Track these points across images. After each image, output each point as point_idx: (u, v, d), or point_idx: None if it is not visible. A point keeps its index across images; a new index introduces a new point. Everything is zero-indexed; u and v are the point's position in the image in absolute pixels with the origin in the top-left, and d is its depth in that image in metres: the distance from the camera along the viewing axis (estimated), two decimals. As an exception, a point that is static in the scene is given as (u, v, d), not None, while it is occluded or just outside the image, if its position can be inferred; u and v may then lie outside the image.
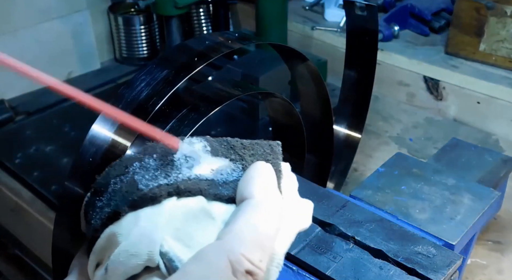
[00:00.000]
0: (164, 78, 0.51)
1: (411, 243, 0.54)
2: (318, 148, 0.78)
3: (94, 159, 0.50)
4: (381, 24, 1.21)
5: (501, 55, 1.09)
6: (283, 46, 0.62)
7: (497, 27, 1.07)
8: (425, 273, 0.50)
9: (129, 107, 0.51)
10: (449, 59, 1.14)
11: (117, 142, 0.50)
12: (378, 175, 0.67)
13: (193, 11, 1.35)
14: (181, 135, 0.53)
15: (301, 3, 1.41)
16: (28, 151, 1.00)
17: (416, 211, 0.61)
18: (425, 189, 0.64)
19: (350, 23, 0.81)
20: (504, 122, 1.06)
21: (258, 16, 1.17)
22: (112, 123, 0.50)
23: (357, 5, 0.78)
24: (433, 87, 1.14)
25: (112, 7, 1.32)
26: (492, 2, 1.06)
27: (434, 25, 1.24)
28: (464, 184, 0.65)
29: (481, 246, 0.82)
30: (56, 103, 1.18)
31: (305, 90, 0.72)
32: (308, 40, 1.31)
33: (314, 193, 0.60)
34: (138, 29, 1.30)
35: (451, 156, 0.79)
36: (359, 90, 0.85)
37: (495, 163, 0.77)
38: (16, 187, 0.96)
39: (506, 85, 1.05)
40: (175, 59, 0.53)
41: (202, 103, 0.56)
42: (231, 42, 0.56)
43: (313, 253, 0.52)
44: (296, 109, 0.67)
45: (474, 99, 1.09)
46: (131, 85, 0.52)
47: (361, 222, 0.56)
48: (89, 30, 1.28)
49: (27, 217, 0.96)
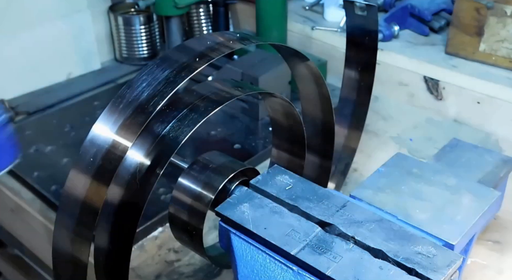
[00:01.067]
0: (165, 78, 0.52)
1: (411, 243, 0.54)
2: (318, 148, 0.78)
3: (94, 159, 0.50)
4: (381, 24, 1.22)
5: (501, 55, 1.09)
6: (284, 46, 0.62)
7: (497, 27, 1.07)
8: (425, 273, 0.50)
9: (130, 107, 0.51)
10: (449, 59, 1.14)
11: (118, 143, 0.50)
12: (378, 175, 0.67)
13: (193, 11, 1.35)
14: (182, 135, 0.53)
15: (301, 3, 1.42)
16: (28, 151, 1.00)
17: (416, 211, 0.61)
18: (425, 189, 0.64)
19: (350, 23, 0.81)
20: (504, 122, 1.07)
21: (258, 16, 1.17)
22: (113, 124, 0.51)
23: (357, 5, 0.78)
24: (433, 87, 1.14)
25: (112, 7, 1.33)
26: (492, 2, 1.06)
27: (434, 25, 1.24)
28: (464, 184, 0.65)
29: (481, 246, 0.82)
30: (56, 103, 1.18)
31: (306, 90, 0.72)
32: (308, 40, 1.31)
33: (314, 193, 0.60)
34: (138, 29, 1.30)
35: (451, 156, 0.79)
36: (359, 90, 0.85)
37: (495, 163, 0.77)
38: (16, 187, 0.96)
39: (506, 85, 1.06)
40: (176, 60, 0.53)
41: (202, 103, 0.56)
42: (231, 42, 0.56)
43: (313, 253, 0.52)
44: (296, 109, 0.67)
45: (474, 99, 1.09)
46: (132, 85, 0.52)
47: (361, 222, 0.56)
48: (89, 30, 1.28)
49: (27, 217, 0.96)
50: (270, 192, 0.60)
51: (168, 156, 0.52)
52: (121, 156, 0.50)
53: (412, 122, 1.13)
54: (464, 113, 1.12)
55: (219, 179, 0.61)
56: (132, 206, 0.53)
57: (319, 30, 1.29)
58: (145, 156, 0.53)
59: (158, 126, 0.54)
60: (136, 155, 0.53)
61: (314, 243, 0.54)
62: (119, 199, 0.53)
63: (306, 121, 0.74)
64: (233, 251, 0.58)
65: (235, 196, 0.60)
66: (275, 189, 0.60)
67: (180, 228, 0.62)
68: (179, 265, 0.80)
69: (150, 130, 0.54)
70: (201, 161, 0.63)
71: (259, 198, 0.59)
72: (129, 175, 0.53)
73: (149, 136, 0.54)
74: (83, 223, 0.51)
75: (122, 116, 0.50)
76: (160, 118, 0.54)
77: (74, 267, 0.54)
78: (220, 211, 0.58)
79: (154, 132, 0.54)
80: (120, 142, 0.50)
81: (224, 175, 0.61)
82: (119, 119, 0.50)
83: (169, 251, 0.82)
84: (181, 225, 0.62)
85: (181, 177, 0.62)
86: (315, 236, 0.54)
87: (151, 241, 0.84)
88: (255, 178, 0.62)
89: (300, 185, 0.61)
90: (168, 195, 0.89)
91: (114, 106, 0.51)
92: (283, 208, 0.58)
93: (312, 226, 0.56)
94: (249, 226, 0.55)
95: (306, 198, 0.59)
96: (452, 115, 1.13)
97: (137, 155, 0.53)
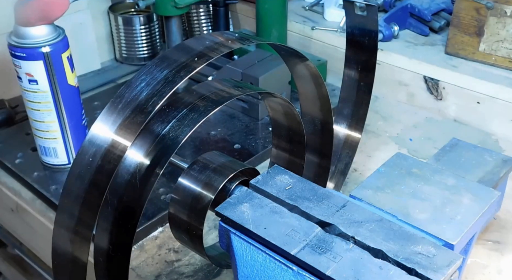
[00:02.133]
0: (164, 78, 0.52)
1: (411, 243, 0.54)
2: (318, 148, 0.78)
3: (93, 159, 0.50)
4: (381, 24, 1.22)
5: (501, 55, 1.09)
6: (283, 46, 0.62)
7: (497, 27, 1.07)
8: (425, 273, 0.50)
9: (129, 107, 0.51)
10: (449, 59, 1.14)
11: (117, 142, 0.50)
12: (378, 175, 0.67)
13: (193, 11, 1.35)
14: (181, 135, 0.53)
15: (301, 3, 1.42)
16: (28, 151, 1.00)
17: (416, 211, 0.61)
18: (425, 189, 0.64)
19: (350, 23, 0.81)
20: (504, 122, 1.06)
21: (258, 16, 1.17)
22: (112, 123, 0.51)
23: (357, 5, 0.78)
24: (433, 87, 1.14)
25: (112, 7, 1.33)
26: (492, 2, 1.06)
27: (434, 25, 1.24)
28: (464, 184, 0.65)
29: (481, 246, 0.82)
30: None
31: (305, 90, 0.72)
32: (308, 40, 1.31)
33: (314, 193, 0.60)
34: (138, 29, 1.30)
35: (451, 156, 0.79)
36: (359, 90, 0.85)
37: (495, 163, 0.77)
38: (16, 187, 0.96)
39: (506, 85, 1.05)
40: (175, 59, 0.53)
41: (202, 103, 0.56)
42: (230, 42, 0.56)
43: (313, 253, 0.52)
44: (296, 109, 0.67)
45: (474, 99, 1.09)
46: (131, 85, 0.52)
47: (361, 222, 0.56)
48: (89, 30, 1.28)
49: (27, 217, 0.96)
50: (270, 192, 0.60)
51: (168, 156, 0.52)
52: (120, 156, 0.50)
53: (412, 122, 1.13)
54: (464, 113, 1.12)
55: (219, 179, 0.61)
56: (132, 206, 0.53)
57: (319, 30, 1.29)
58: (145, 156, 0.53)
59: (157, 125, 0.54)
60: (135, 155, 0.53)
61: (314, 243, 0.54)
62: (119, 199, 0.53)
63: (305, 121, 0.74)
64: (233, 251, 0.58)
65: (235, 196, 0.60)
66: (275, 189, 0.60)
67: (180, 228, 0.62)
68: (179, 265, 0.80)
69: (150, 130, 0.54)
70: (201, 161, 0.63)
71: (259, 198, 0.59)
72: (129, 175, 0.53)
73: (149, 135, 0.54)
74: (82, 223, 0.52)
75: (121, 115, 0.50)
76: (160, 118, 0.55)
77: (74, 267, 0.54)
78: (220, 211, 0.58)
79: (154, 131, 0.54)
80: (120, 142, 0.50)
81: (224, 175, 0.61)
82: (118, 119, 0.50)
83: (169, 251, 0.82)
84: (181, 225, 0.62)
85: (181, 177, 0.62)
86: (315, 236, 0.54)
87: (151, 241, 0.84)
88: (255, 178, 0.62)
89: (300, 185, 0.61)
90: (168, 195, 0.89)
91: (113, 106, 0.51)
92: (283, 208, 0.58)
93: (312, 226, 0.56)
94: (249, 226, 0.55)
95: (306, 198, 0.59)
96: (452, 115, 1.13)
97: (137, 155, 0.53)
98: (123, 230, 0.54)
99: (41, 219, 0.92)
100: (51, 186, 0.92)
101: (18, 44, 0.84)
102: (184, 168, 0.63)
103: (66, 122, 0.90)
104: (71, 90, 0.89)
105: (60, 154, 0.93)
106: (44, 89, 0.86)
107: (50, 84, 0.86)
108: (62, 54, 0.86)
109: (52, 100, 0.87)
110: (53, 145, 0.92)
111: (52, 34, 0.85)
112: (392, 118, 1.15)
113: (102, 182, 0.50)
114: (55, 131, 0.90)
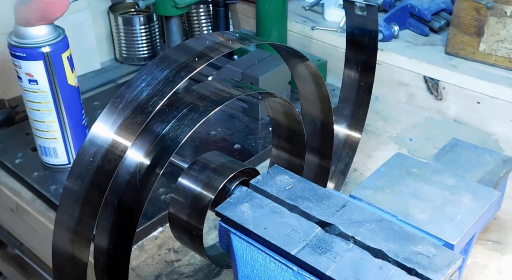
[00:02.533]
0: (165, 78, 0.52)
1: (411, 243, 0.54)
2: (318, 148, 0.78)
3: (94, 159, 0.50)
4: (381, 24, 1.22)
5: (501, 55, 1.09)
6: (283, 46, 0.62)
7: (497, 27, 1.07)
8: (425, 273, 0.50)
9: (130, 107, 0.51)
10: (449, 59, 1.14)
11: (117, 142, 0.50)
12: (378, 175, 0.67)
13: (193, 11, 1.35)
14: (181, 135, 0.53)
15: (301, 3, 1.42)
16: (28, 151, 1.00)
17: (416, 211, 0.61)
18: (425, 189, 0.64)
19: (350, 23, 0.81)
20: (504, 122, 1.07)
21: (258, 16, 1.17)
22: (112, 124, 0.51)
23: (357, 5, 0.78)
24: (433, 87, 1.14)
25: (112, 7, 1.33)
26: (492, 2, 1.06)
27: (434, 25, 1.24)
28: (464, 184, 0.65)
29: (481, 246, 0.82)
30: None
31: (305, 90, 0.72)
32: (308, 40, 1.31)
33: (314, 193, 0.60)
34: (138, 29, 1.30)
35: (451, 156, 0.79)
36: (359, 90, 0.85)
37: (495, 163, 0.77)
38: (16, 187, 0.96)
39: (506, 85, 1.05)
40: (175, 59, 0.53)
41: (202, 103, 0.56)
42: (231, 42, 0.56)
43: (313, 253, 0.52)
44: (296, 109, 0.67)
45: (474, 99, 1.09)
46: (131, 85, 0.52)
47: (361, 222, 0.56)
48: (89, 30, 1.28)
49: (27, 217, 0.96)
50: (270, 192, 0.60)
51: (168, 156, 0.52)
52: (120, 156, 0.50)
53: (412, 122, 1.13)
54: (464, 113, 1.12)
55: (219, 179, 0.61)
56: (132, 206, 0.53)
57: (319, 30, 1.29)
58: (145, 156, 0.53)
59: (158, 125, 0.54)
60: (136, 155, 0.53)
61: (314, 243, 0.54)
62: (119, 199, 0.53)
63: (305, 121, 0.74)
64: (233, 251, 0.58)
65: (235, 196, 0.60)
66: (275, 189, 0.60)
67: (180, 228, 0.62)
68: (179, 265, 0.80)
69: (150, 130, 0.54)
70: (201, 161, 0.63)
71: (259, 198, 0.59)
72: (129, 175, 0.53)
73: (149, 135, 0.54)
74: (83, 223, 0.52)
75: (122, 116, 0.50)
76: (160, 118, 0.55)
77: (74, 267, 0.54)
78: (220, 211, 0.58)
79: (154, 131, 0.54)
80: (120, 142, 0.50)
81: (224, 175, 0.61)
82: (118, 119, 0.50)
83: (169, 251, 0.82)
84: (181, 225, 0.62)
85: (181, 177, 0.62)
86: (315, 236, 0.54)
87: (151, 241, 0.84)
88: (255, 178, 0.62)
89: (300, 185, 0.61)
90: (168, 195, 0.89)
91: (114, 106, 0.51)
92: (283, 208, 0.58)
93: (312, 226, 0.56)
94: (249, 226, 0.55)
95: (306, 198, 0.59)
96: (452, 115, 1.14)
97: (137, 155, 0.53)
98: (123, 230, 0.54)
99: (41, 219, 0.92)
100: (51, 186, 0.92)
101: (18, 44, 0.84)
102: (184, 168, 0.63)
103: (66, 122, 0.90)
104: (71, 90, 0.89)
105: (60, 154, 0.93)
106: (44, 89, 0.86)
107: (50, 84, 0.86)
108: (62, 54, 0.86)
109: (52, 100, 0.87)
110: (53, 145, 0.92)
111: (52, 34, 0.85)
112: (392, 118, 1.15)
113: (102, 182, 0.50)
114: (55, 131, 0.90)
